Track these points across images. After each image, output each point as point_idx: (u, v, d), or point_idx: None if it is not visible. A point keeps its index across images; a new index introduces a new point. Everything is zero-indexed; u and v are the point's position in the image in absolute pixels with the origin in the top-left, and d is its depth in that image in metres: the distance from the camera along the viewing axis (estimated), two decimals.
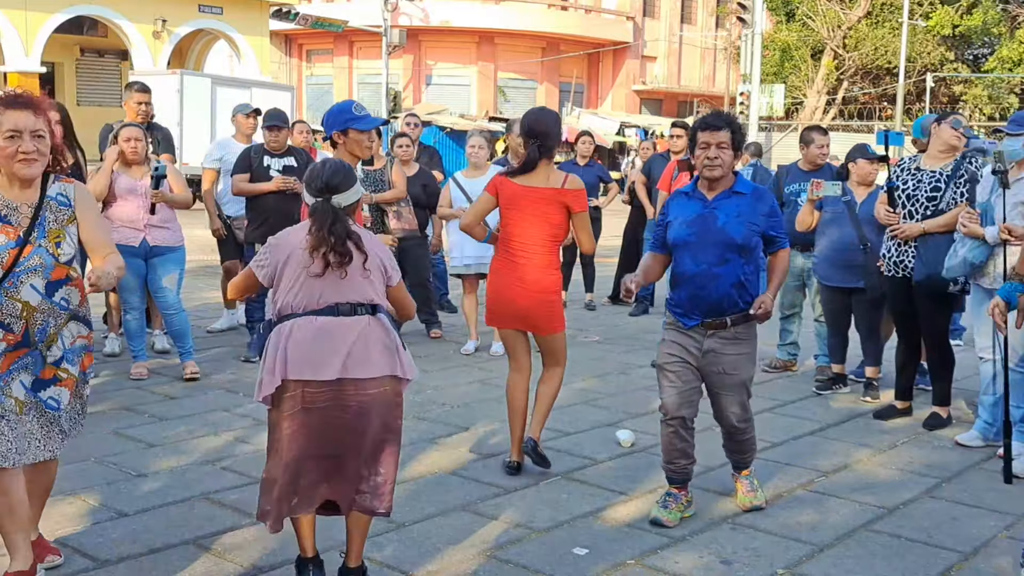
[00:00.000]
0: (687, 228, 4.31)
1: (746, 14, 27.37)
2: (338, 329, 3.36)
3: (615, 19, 39.05)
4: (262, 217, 7.34)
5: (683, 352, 4.34)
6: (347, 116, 4.44)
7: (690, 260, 4.30)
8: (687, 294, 4.31)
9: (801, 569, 3.92)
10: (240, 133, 8.20)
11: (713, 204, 4.31)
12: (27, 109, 3.31)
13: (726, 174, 4.30)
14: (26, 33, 21.50)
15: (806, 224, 6.49)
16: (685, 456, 4.44)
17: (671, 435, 4.40)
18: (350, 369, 3.35)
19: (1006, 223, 5.05)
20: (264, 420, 5.73)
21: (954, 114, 6.08)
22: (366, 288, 3.43)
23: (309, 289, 3.37)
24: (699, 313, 4.29)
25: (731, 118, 4.39)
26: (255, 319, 7.43)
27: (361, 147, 4.48)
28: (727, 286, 4.26)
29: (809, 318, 7.29)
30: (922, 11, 34.41)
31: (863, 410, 6.31)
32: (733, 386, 4.39)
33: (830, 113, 35.86)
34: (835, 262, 6.49)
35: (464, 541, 4.09)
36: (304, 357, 3.32)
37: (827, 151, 7.26)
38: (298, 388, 3.34)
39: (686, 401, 4.37)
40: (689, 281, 4.30)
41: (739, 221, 4.26)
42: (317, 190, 3.43)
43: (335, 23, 31.30)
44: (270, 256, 3.44)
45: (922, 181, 5.78)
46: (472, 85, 36.60)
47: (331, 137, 4.50)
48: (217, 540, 4.03)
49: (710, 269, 4.25)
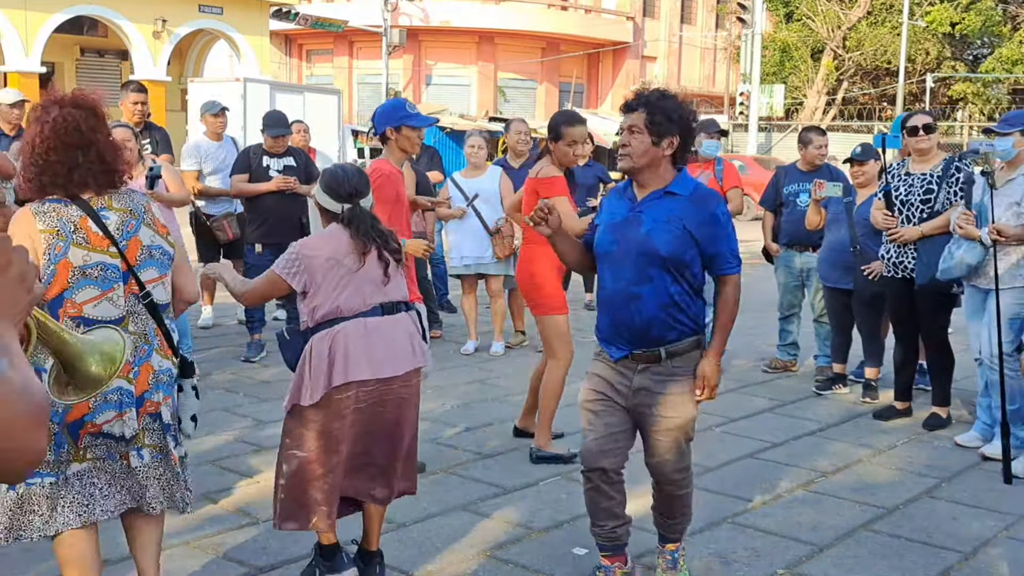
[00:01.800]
0: (610, 234, 3.49)
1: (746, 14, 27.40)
2: (386, 328, 3.48)
3: (615, 19, 39.05)
4: (262, 217, 7.34)
5: (608, 389, 3.53)
6: (402, 113, 4.64)
7: (609, 275, 3.51)
8: (608, 319, 3.53)
9: (801, 569, 3.92)
10: (210, 131, 8.16)
11: (640, 207, 3.44)
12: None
13: (640, 166, 3.42)
14: (26, 33, 21.50)
15: (814, 223, 6.55)
16: (613, 517, 3.60)
17: (591, 491, 3.59)
18: (400, 365, 3.50)
19: (995, 224, 5.05)
20: (264, 420, 5.77)
21: (919, 113, 6.08)
22: (402, 286, 3.59)
23: (356, 291, 3.44)
24: (624, 342, 3.48)
25: (656, 96, 3.49)
26: (255, 319, 7.43)
27: (412, 143, 4.69)
28: (653, 308, 3.40)
29: (809, 318, 7.29)
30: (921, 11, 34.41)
31: (863, 410, 6.32)
32: (669, 430, 3.51)
33: (830, 113, 35.86)
34: (834, 262, 6.55)
35: (464, 541, 4.09)
36: (362, 358, 3.40)
37: (826, 151, 7.27)
38: (353, 389, 3.40)
39: (608, 449, 3.53)
40: (608, 302, 3.52)
41: (667, 228, 3.37)
42: (347, 195, 3.52)
43: (335, 23, 31.30)
44: (303, 263, 3.45)
45: (914, 185, 5.80)
46: (472, 85, 36.58)
47: (383, 133, 4.65)
48: (217, 540, 4.03)
49: (628, 288, 3.43)
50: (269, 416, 5.83)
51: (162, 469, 3.14)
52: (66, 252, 2.92)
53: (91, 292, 2.94)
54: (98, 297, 2.95)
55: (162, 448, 3.13)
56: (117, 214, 3.03)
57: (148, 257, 3.06)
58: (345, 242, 3.47)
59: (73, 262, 2.93)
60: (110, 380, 1.60)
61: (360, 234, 3.47)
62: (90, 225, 2.96)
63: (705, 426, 5.84)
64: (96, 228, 2.97)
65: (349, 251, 3.46)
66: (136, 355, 3.00)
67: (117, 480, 3.06)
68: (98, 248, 2.96)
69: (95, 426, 2.95)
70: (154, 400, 3.06)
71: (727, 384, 6.96)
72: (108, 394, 2.93)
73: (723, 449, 5.44)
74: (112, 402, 2.95)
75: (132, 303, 3.02)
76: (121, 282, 2.99)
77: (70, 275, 2.92)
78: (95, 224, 2.97)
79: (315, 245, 3.53)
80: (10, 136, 6.75)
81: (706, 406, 4.50)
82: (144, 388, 3.03)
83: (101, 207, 3.01)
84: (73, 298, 2.92)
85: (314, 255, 3.46)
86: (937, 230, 5.61)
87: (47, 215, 2.94)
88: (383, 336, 3.46)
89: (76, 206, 2.97)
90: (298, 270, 3.46)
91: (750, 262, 12.59)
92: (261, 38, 26.42)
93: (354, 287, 3.44)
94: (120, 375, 2.89)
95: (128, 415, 2.98)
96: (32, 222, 2.93)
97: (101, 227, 2.97)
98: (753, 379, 7.16)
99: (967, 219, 5.30)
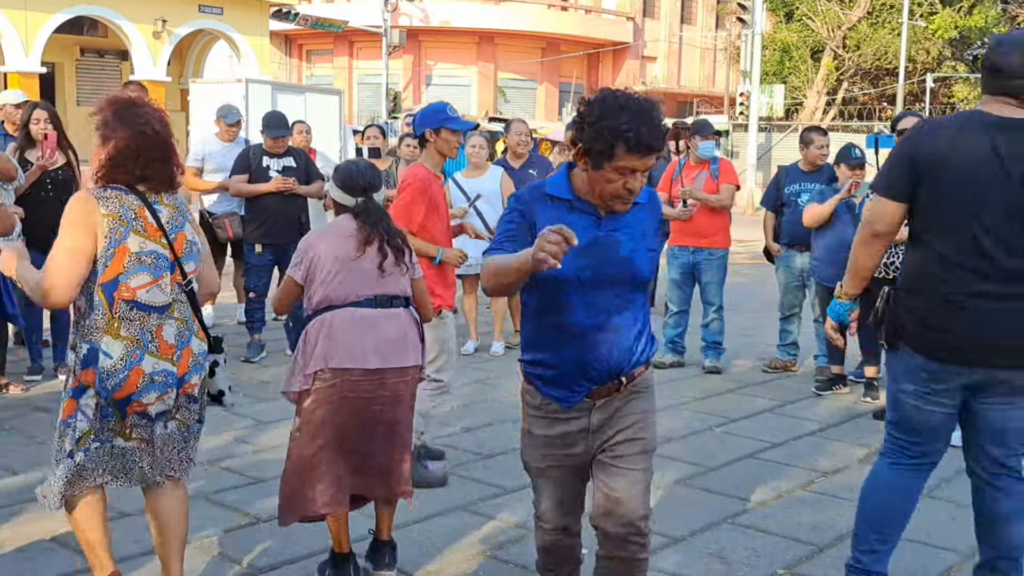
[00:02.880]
0: (579, 259, 2.76)
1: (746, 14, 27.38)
2: (378, 319, 3.53)
3: (615, 19, 39.07)
4: (261, 218, 7.35)
5: (562, 450, 3.00)
6: (442, 116, 4.70)
7: (581, 307, 2.88)
8: (573, 358, 2.90)
9: (801, 569, 3.92)
10: (223, 134, 8.22)
11: (610, 224, 2.89)
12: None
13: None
14: (26, 33, 21.48)
15: (822, 220, 6.50)
16: (570, 560, 3.21)
17: (553, 541, 3.14)
18: (390, 359, 3.53)
19: None
20: (264, 420, 5.77)
21: (909, 114, 6.08)
22: (402, 282, 3.63)
23: (349, 282, 3.52)
24: (587, 381, 2.93)
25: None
26: (255, 319, 7.43)
27: (450, 147, 4.74)
28: (630, 338, 2.94)
29: (809, 318, 7.30)
30: (922, 11, 34.41)
31: (863, 410, 6.32)
32: (637, 457, 2.95)
33: (830, 113, 35.84)
34: (836, 262, 6.49)
35: (464, 541, 4.09)
36: (346, 346, 3.47)
37: (827, 152, 7.27)
38: (337, 377, 3.46)
39: (570, 511, 3.11)
40: (579, 339, 2.89)
41: (643, 245, 2.96)
42: (361, 189, 3.62)
43: (335, 23, 31.30)
44: (303, 256, 3.60)
45: None
46: (472, 85, 36.61)
47: (422, 135, 4.71)
48: (217, 540, 4.03)
49: (608, 320, 2.90)
50: (269, 416, 5.83)
51: (181, 443, 3.32)
52: (126, 237, 3.10)
53: (144, 278, 3.12)
54: (150, 284, 3.13)
55: (188, 425, 3.32)
56: (167, 209, 3.22)
57: (190, 251, 3.26)
58: (348, 232, 3.57)
59: (131, 248, 3.10)
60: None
61: (368, 224, 3.57)
62: (147, 215, 3.15)
63: (705, 426, 5.85)
64: (152, 219, 3.16)
65: (350, 241, 3.55)
66: (179, 340, 3.18)
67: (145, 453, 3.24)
68: (153, 238, 3.15)
69: (141, 405, 3.12)
70: (191, 382, 3.25)
71: (727, 384, 6.97)
72: (155, 375, 3.11)
73: (723, 449, 5.44)
74: (158, 383, 3.13)
75: (176, 291, 3.21)
76: (169, 271, 3.18)
77: (127, 260, 3.09)
78: (151, 215, 3.16)
79: (313, 238, 3.66)
80: (13, 136, 6.75)
81: (706, 406, 4.48)
82: (185, 370, 3.22)
83: (155, 201, 3.20)
84: (128, 282, 3.09)
85: (315, 244, 3.59)
86: None
87: (110, 201, 3.11)
88: (373, 327, 3.51)
89: (135, 196, 3.16)
90: (299, 261, 3.60)
91: (751, 262, 12.62)
92: (261, 38, 26.40)
93: (347, 276, 3.52)
94: (165, 357, 3.11)
95: (169, 395, 3.17)
96: (95, 205, 3.08)
97: (156, 219, 3.17)
98: (753, 379, 7.16)
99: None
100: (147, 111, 3.21)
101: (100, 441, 3.15)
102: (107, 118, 3.17)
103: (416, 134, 4.83)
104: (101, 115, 3.18)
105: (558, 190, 2.91)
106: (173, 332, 3.17)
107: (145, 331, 3.11)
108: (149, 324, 3.11)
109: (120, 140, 3.13)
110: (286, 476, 3.58)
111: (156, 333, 3.13)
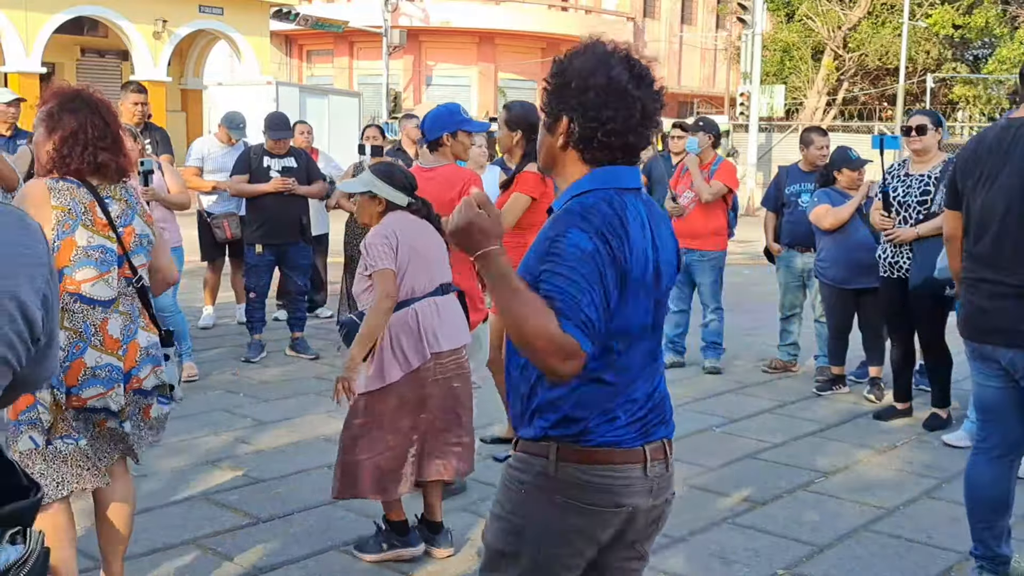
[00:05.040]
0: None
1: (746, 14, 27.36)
2: (447, 304, 3.91)
3: (615, 19, 39.06)
4: (262, 218, 7.34)
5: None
6: (459, 118, 4.66)
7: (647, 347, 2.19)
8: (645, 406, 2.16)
9: (801, 569, 3.92)
10: (222, 134, 8.23)
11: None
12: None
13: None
14: (26, 33, 21.48)
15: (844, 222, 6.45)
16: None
17: None
18: (457, 338, 3.91)
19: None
20: (264, 420, 5.77)
21: (918, 113, 6.08)
22: (449, 270, 3.98)
23: (426, 272, 3.83)
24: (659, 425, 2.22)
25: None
26: (255, 319, 7.43)
27: (465, 149, 4.76)
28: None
29: (809, 318, 7.29)
30: (922, 11, 34.40)
31: (863, 410, 6.32)
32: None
33: (830, 114, 35.83)
34: (847, 263, 6.47)
35: (464, 541, 4.09)
36: (433, 332, 3.79)
37: (827, 152, 7.26)
38: (431, 361, 3.80)
39: None
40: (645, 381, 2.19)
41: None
42: (410, 187, 3.88)
43: (335, 24, 31.29)
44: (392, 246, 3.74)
45: (911, 186, 5.81)
46: (472, 86, 36.59)
47: (439, 139, 4.63)
48: (217, 540, 4.04)
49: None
50: (269, 416, 5.83)
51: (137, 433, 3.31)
52: (74, 231, 3.11)
53: (90, 272, 3.13)
54: (96, 277, 3.14)
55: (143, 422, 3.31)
56: (118, 203, 3.23)
57: (139, 244, 3.27)
58: (413, 227, 3.83)
59: (78, 242, 3.11)
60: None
61: (431, 219, 3.88)
62: (97, 210, 3.17)
63: (705, 426, 5.85)
64: (101, 213, 3.16)
65: (418, 235, 3.82)
66: (125, 334, 3.17)
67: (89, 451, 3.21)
68: (101, 232, 3.16)
69: (81, 400, 3.10)
70: (140, 376, 3.22)
71: (727, 384, 6.97)
72: (98, 369, 3.09)
73: (723, 449, 5.44)
74: (101, 378, 3.11)
75: (123, 285, 3.22)
76: (116, 265, 3.19)
77: (73, 253, 3.10)
78: (100, 209, 3.17)
79: (394, 231, 3.78)
80: (6, 136, 6.69)
81: (706, 406, 4.48)
82: (132, 365, 3.20)
83: (107, 195, 3.21)
84: (73, 275, 3.10)
85: (398, 238, 3.76)
86: (933, 231, 5.59)
87: (61, 193, 3.13)
88: (447, 312, 3.88)
89: (86, 189, 3.16)
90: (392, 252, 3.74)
91: (751, 262, 12.62)
92: (261, 38, 26.41)
93: (424, 268, 3.81)
94: (109, 352, 3.08)
95: (115, 391, 3.14)
96: (47, 197, 3.10)
97: (105, 213, 3.17)
98: (753, 379, 7.16)
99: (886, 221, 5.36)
100: (94, 100, 3.22)
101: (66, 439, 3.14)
102: (52, 110, 3.18)
103: (430, 138, 4.72)
104: (46, 107, 3.19)
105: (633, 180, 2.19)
106: (118, 326, 3.16)
107: (88, 324, 3.11)
108: (92, 317, 3.12)
109: (66, 130, 3.14)
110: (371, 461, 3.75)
111: (100, 327, 3.12)
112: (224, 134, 8.20)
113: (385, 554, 3.88)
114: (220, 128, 8.27)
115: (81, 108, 3.17)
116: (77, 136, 3.13)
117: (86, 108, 3.18)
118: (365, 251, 3.77)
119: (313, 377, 6.84)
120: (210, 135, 8.50)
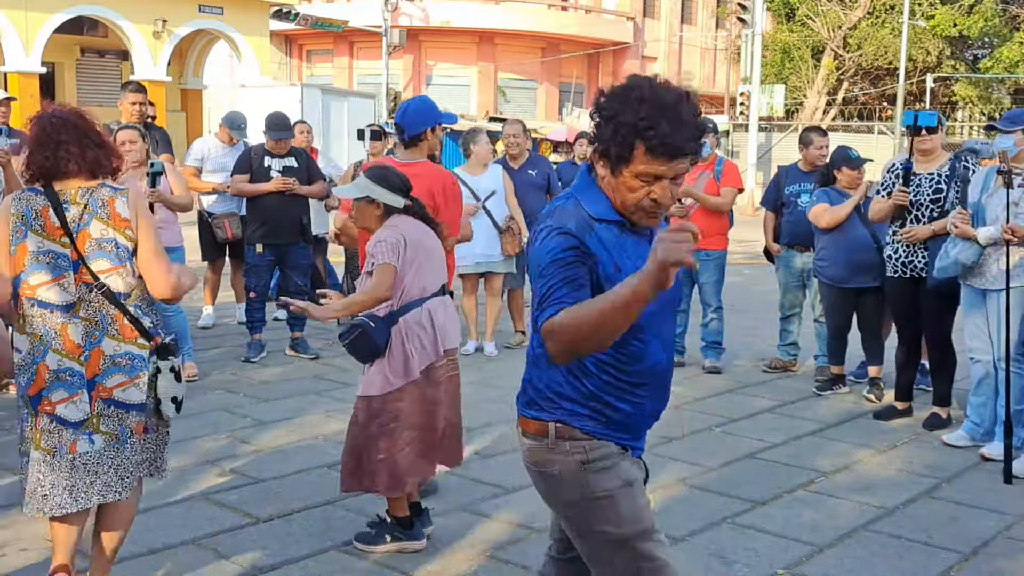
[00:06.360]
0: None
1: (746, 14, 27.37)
2: (449, 304, 4.04)
3: (615, 19, 39.04)
4: (262, 218, 7.34)
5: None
6: (437, 112, 4.65)
7: (657, 343, 2.45)
8: (651, 404, 2.50)
9: (801, 569, 3.92)
10: (222, 136, 8.25)
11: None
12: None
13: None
14: (26, 33, 21.47)
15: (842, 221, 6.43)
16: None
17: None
18: (456, 338, 4.06)
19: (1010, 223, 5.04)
20: (264, 420, 5.77)
21: (927, 112, 6.07)
22: (447, 271, 4.10)
23: (433, 272, 3.93)
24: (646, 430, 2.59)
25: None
26: (255, 319, 7.43)
27: (438, 141, 4.79)
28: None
29: (809, 318, 7.29)
30: (923, 11, 34.39)
31: (863, 410, 6.32)
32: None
33: (830, 113, 35.83)
34: (846, 263, 6.46)
35: (464, 541, 4.09)
36: (443, 330, 3.92)
37: (827, 152, 7.26)
38: (443, 358, 3.94)
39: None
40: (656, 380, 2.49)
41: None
42: (407, 190, 3.93)
43: (335, 23, 31.28)
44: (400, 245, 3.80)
45: (922, 186, 5.80)
46: (472, 85, 36.58)
47: (421, 134, 4.55)
48: (217, 540, 4.03)
49: (672, 354, 2.55)
50: (269, 416, 5.83)
51: (118, 459, 3.23)
52: (25, 237, 3.17)
53: (42, 277, 3.16)
54: (49, 282, 3.16)
55: (118, 436, 3.21)
56: (77, 207, 3.19)
57: (98, 249, 3.19)
58: (419, 228, 3.90)
59: (29, 247, 3.16)
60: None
61: (429, 221, 3.96)
62: (50, 214, 3.17)
63: (705, 426, 5.85)
64: (55, 218, 3.17)
65: (425, 235, 3.91)
66: (87, 340, 3.16)
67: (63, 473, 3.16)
68: (51, 237, 3.17)
69: (51, 404, 3.12)
70: (107, 385, 3.17)
71: (727, 384, 6.97)
72: (60, 372, 3.11)
73: (723, 449, 5.44)
74: (64, 381, 3.12)
75: (84, 291, 3.18)
76: (72, 271, 3.17)
77: (26, 259, 3.16)
78: (55, 214, 3.17)
79: (402, 233, 3.83)
80: None
81: (706, 406, 4.49)
82: (95, 372, 3.17)
83: (66, 200, 3.19)
84: (28, 280, 3.16)
85: (407, 239, 3.81)
86: (946, 229, 5.59)
87: (19, 201, 3.20)
88: (450, 311, 4.01)
89: (44, 195, 3.19)
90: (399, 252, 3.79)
91: (751, 262, 12.62)
92: (261, 38, 26.39)
93: (431, 268, 3.91)
94: (70, 356, 3.09)
95: (79, 397, 3.13)
96: (8, 206, 3.21)
97: (60, 217, 3.16)
98: (753, 379, 7.16)
99: (963, 218, 5.29)
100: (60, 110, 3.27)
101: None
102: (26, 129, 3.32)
103: (412, 132, 4.56)
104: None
105: (603, 211, 2.36)
106: (79, 332, 3.14)
107: (48, 328, 3.14)
108: (52, 322, 3.14)
109: (31, 140, 3.22)
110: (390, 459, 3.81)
111: (60, 331, 3.14)
112: (225, 134, 8.21)
113: (390, 546, 3.92)
114: (221, 128, 8.28)
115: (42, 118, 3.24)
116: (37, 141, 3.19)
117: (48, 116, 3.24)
118: (371, 249, 3.77)
119: (313, 377, 6.84)
120: (210, 135, 8.50)
